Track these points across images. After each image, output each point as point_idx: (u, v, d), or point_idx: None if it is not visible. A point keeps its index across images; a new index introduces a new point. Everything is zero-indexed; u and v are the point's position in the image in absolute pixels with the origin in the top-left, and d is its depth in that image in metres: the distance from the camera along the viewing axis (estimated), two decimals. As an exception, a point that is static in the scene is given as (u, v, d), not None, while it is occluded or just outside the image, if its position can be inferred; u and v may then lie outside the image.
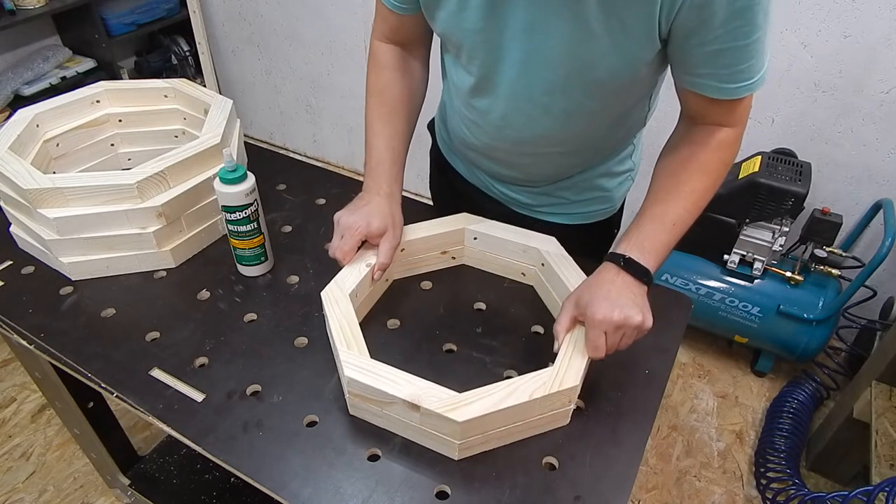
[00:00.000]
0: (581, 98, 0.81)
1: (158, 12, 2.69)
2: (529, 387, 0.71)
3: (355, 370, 0.73)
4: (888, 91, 1.63)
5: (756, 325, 1.82)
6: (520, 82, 0.82)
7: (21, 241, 1.03)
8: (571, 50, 0.75)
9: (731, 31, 0.67)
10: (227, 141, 1.06)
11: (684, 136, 0.83)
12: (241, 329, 0.91)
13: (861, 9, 1.55)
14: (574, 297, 0.78)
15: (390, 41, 0.95)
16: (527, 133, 0.89)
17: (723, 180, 0.82)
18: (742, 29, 0.67)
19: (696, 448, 1.78)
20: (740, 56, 0.70)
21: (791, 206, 1.67)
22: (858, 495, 1.25)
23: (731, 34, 0.68)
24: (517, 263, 0.98)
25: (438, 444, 0.74)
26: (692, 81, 0.76)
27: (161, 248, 0.99)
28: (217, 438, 0.76)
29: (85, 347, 0.87)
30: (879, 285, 1.86)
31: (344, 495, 0.70)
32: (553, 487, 0.71)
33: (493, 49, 0.80)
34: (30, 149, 1.04)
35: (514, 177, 1.03)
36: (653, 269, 0.77)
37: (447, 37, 0.85)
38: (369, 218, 0.87)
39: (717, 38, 0.69)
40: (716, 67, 0.72)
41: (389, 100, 0.95)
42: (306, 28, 2.55)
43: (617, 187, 1.05)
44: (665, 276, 1.90)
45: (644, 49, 0.73)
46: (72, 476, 1.63)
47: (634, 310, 0.72)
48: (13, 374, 1.90)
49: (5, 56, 2.47)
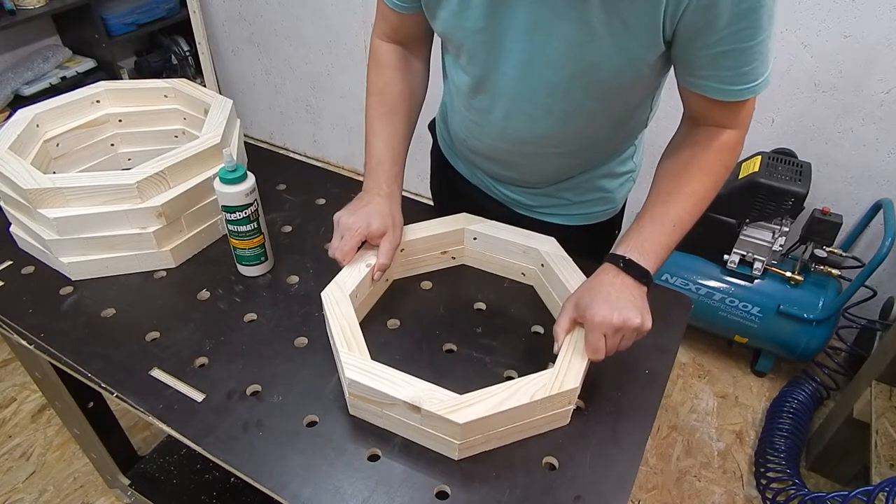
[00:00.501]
0: (583, 99, 0.81)
1: (158, 12, 2.69)
2: (530, 388, 0.71)
3: (356, 371, 0.73)
4: (888, 91, 1.63)
5: (756, 325, 1.82)
6: (521, 83, 0.82)
7: (21, 241, 1.03)
8: (574, 51, 0.74)
9: (735, 32, 0.67)
10: (227, 141, 1.06)
11: (686, 137, 0.83)
12: (241, 329, 0.91)
13: (861, 9, 1.55)
14: (574, 299, 0.78)
15: (391, 40, 0.95)
16: (528, 134, 0.88)
17: (724, 182, 0.82)
18: (747, 31, 0.67)
19: (696, 448, 1.78)
20: (744, 58, 0.70)
21: (791, 206, 1.67)
22: (858, 495, 1.25)
23: (736, 36, 0.68)
24: (517, 264, 0.98)
25: (438, 445, 0.74)
26: (695, 83, 0.76)
27: (161, 248, 0.99)
28: (217, 438, 0.76)
29: (85, 347, 0.87)
30: (879, 285, 1.86)
31: (344, 495, 0.70)
32: (553, 487, 0.71)
33: (494, 49, 0.80)
34: (30, 149, 1.04)
35: (515, 178, 1.02)
36: (653, 270, 0.76)
37: (448, 36, 0.85)
38: (369, 219, 0.87)
39: (722, 40, 0.69)
40: (719, 69, 0.72)
41: (390, 99, 0.94)
42: (306, 28, 2.55)
43: (618, 188, 1.05)
44: (665, 276, 1.90)
45: (647, 50, 0.73)
46: (72, 476, 1.63)
47: (634, 312, 0.72)
48: (13, 374, 1.90)
49: (5, 56, 2.47)
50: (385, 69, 0.95)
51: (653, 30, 0.70)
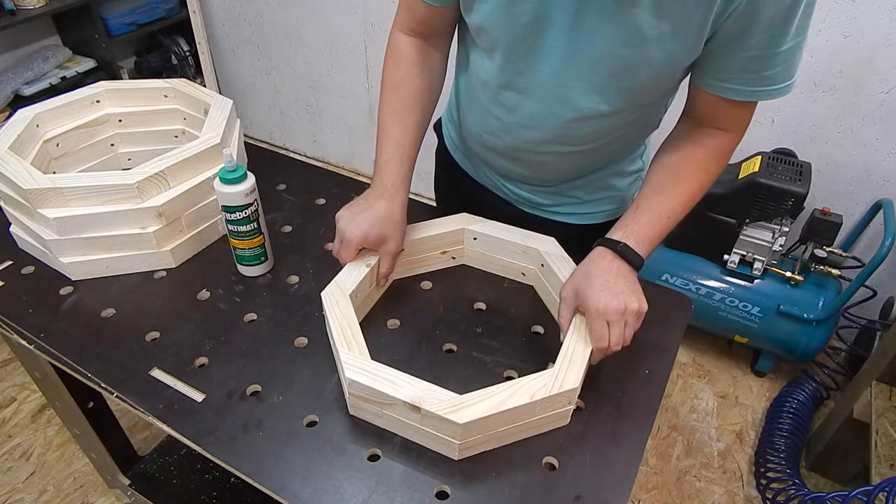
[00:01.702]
0: (615, 99, 0.80)
1: (158, 12, 2.69)
2: (530, 388, 0.71)
3: (356, 372, 0.73)
4: (888, 91, 1.63)
5: (756, 325, 1.82)
6: (555, 80, 0.80)
7: (21, 241, 1.03)
8: (617, 52, 0.74)
9: (768, 38, 0.68)
10: (227, 141, 1.06)
11: (686, 134, 0.84)
12: (241, 329, 0.91)
13: (861, 9, 1.55)
14: (572, 288, 0.79)
15: (414, 33, 0.92)
16: (552, 132, 0.87)
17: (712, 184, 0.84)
18: (778, 38, 0.68)
19: (696, 448, 1.78)
20: (769, 62, 0.71)
21: (791, 206, 1.67)
22: (858, 495, 1.25)
23: (768, 42, 0.68)
24: (517, 264, 0.98)
25: (438, 445, 0.74)
26: (714, 85, 0.76)
27: (161, 248, 0.99)
28: (217, 438, 0.76)
29: (85, 347, 0.87)
30: (879, 285, 1.86)
31: (344, 495, 0.70)
32: (553, 487, 0.71)
33: (533, 46, 0.78)
34: (30, 149, 1.04)
35: (528, 175, 1.01)
36: (644, 257, 0.79)
37: (485, 30, 0.81)
38: (367, 227, 0.86)
39: (754, 45, 0.69)
40: (744, 72, 0.73)
41: (404, 95, 0.92)
42: (306, 28, 2.55)
43: (628, 187, 1.04)
44: (665, 276, 1.90)
45: (688, 53, 0.73)
46: (72, 476, 1.64)
47: (632, 297, 0.75)
48: (13, 374, 1.90)
49: (5, 56, 2.47)
50: (403, 63, 0.92)
51: (699, 34, 0.70)
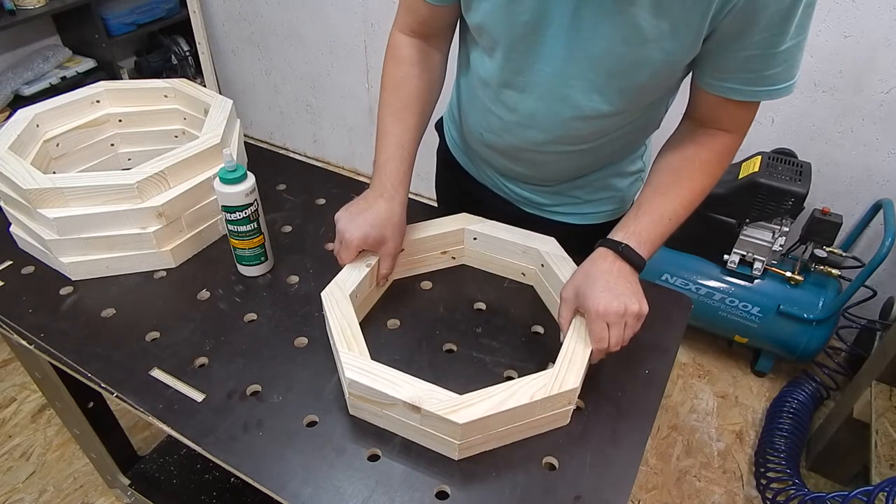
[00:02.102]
0: (615, 99, 0.80)
1: (158, 12, 2.69)
2: (530, 388, 0.71)
3: (356, 372, 0.73)
4: (888, 91, 1.63)
5: (756, 325, 1.82)
6: (556, 79, 0.80)
7: (21, 241, 1.03)
8: (616, 51, 0.74)
9: (767, 38, 0.68)
10: (227, 141, 1.06)
11: (688, 135, 0.84)
12: (241, 329, 0.91)
13: (861, 9, 1.55)
14: (573, 288, 0.79)
15: (414, 34, 0.92)
16: (552, 131, 0.87)
17: (714, 185, 0.84)
18: (778, 37, 0.68)
19: (696, 448, 1.78)
20: (769, 62, 0.71)
21: (791, 206, 1.67)
22: (858, 495, 1.25)
23: (767, 41, 0.68)
24: (517, 264, 0.98)
25: (438, 445, 0.74)
26: (714, 84, 0.76)
27: (161, 248, 0.99)
28: (217, 438, 0.76)
29: (85, 347, 0.87)
30: (879, 285, 1.86)
31: (344, 495, 0.70)
32: (553, 487, 0.71)
33: (533, 45, 0.78)
34: (30, 149, 1.04)
35: (528, 175, 1.01)
36: (646, 258, 0.79)
37: (485, 29, 0.81)
38: (366, 228, 0.86)
39: (754, 44, 0.69)
40: (744, 72, 0.72)
41: (404, 95, 0.92)
42: (306, 28, 2.55)
43: (628, 187, 1.04)
44: (665, 276, 1.90)
45: (687, 52, 0.73)
46: (72, 476, 1.63)
47: (632, 298, 0.74)
48: (13, 374, 1.90)
49: (5, 56, 2.47)
50: (403, 64, 0.92)
51: (698, 33, 0.70)
